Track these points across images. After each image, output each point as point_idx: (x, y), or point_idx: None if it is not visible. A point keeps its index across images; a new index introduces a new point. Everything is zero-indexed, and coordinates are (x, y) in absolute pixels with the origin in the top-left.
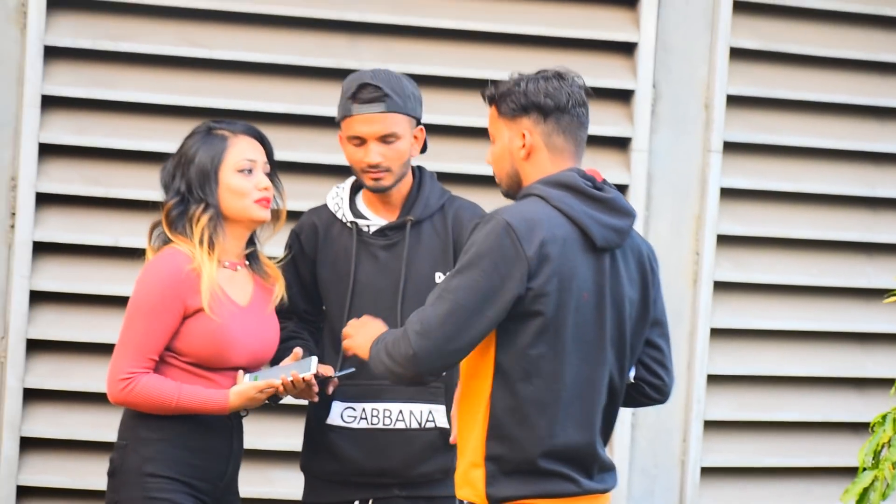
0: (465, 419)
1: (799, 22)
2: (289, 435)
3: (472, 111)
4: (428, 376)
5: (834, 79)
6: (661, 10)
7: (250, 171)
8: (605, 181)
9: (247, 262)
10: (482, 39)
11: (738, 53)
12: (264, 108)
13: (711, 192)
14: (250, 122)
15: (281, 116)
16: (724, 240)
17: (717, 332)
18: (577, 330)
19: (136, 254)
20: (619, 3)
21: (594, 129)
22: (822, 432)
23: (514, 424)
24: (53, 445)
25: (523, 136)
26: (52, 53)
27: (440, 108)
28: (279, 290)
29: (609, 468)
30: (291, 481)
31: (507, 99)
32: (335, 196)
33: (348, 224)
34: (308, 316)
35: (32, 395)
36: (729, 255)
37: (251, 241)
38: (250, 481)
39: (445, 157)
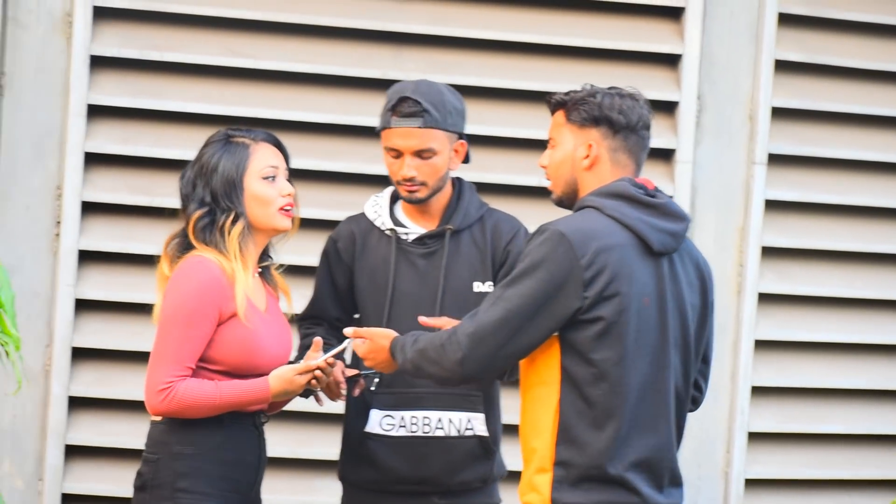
0: (532, 426)
1: (843, 34)
2: (332, 444)
3: (517, 122)
4: (477, 379)
5: (878, 91)
6: (706, 22)
7: (273, 177)
8: (657, 189)
9: (259, 271)
10: (526, 50)
11: (782, 65)
12: (308, 118)
13: (756, 203)
14: (294, 132)
15: (325, 126)
16: (768, 252)
17: (761, 344)
18: (640, 334)
19: None
20: (664, 15)
21: None
22: (867, 445)
23: (583, 428)
24: (98, 453)
25: (590, 146)
26: (98, 63)
27: (484, 119)
28: (286, 298)
29: (678, 483)
30: (334, 490)
31: (581, 107)
32: (374, 204)
33: (387, 232)
34: (338, 323)
35: (77, 404)
36: (773, 267)
37: (267, 253)
38: (294, 490)
39: (490, 168)
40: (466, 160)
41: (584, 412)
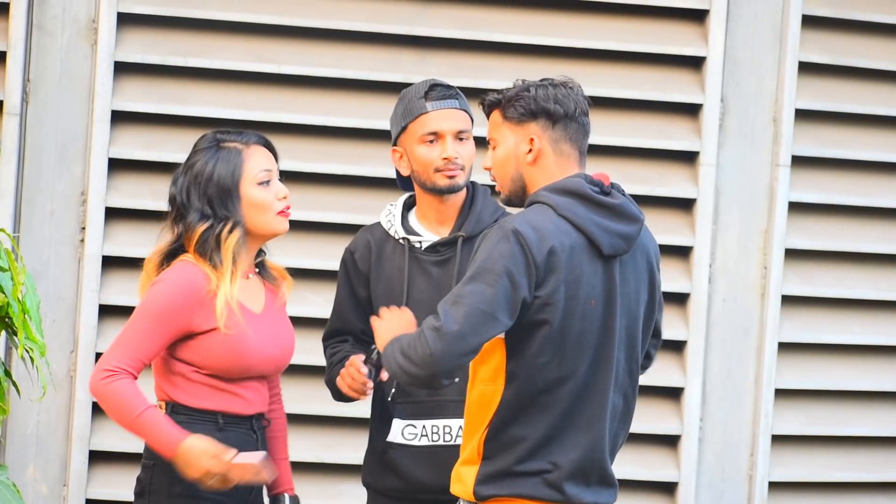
0: (470, 421)
1: (868, 36)
2: (357, 448)
3: None
4: (443, 378)
5: None
6: (730, 24)
7: (268, 181)
8: (612, 185)
9: (256, 270)
10: (551, 54)
11: (806, 67)
12: (332, 122)
13: (780, 206)
14: (319, 136)
15: (349, 131)
16: (792, 254)
17: (785, 347)
18: (583, 337)
19: None
20: (687, 18)
21: (662, 143)
22: (892, 447)
23: (516, 427)
24: (122, 459)
25: (531, 140)
26: (122, 69)
27: None
28: (286, 291)
29: (610, 484)
30: (359, 494)
31: (516, 103)
32: (388, 214)
33: (400, 241)
34: (364, 336)
35: (101, 409)
36: (797, 270)
37: (259, 249)
38: (319, 494)
39: None
40: None
41: (518, 411)
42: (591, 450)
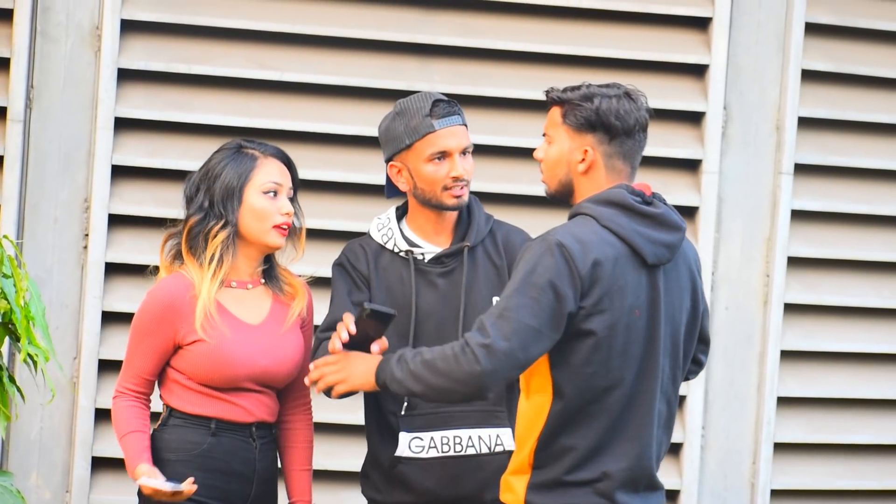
0: (521, 430)
1: (871, 44)
2: (359, 455)
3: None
4: (490, 394)
5: None
6: (733, 32)
7: (275, 193)
8: (654, 195)
9: (263, 280)
10: (554, 62)
11: (809, 75)
12: (335, 129)
13: (782, 214)
14: (321, 144)
15: (351, 138)
16: (794, 262)
17: (787, 354)
18: (628, 347)
19: None
20: (690, 25)
21: (665, 150)
22: (894, 455)
23: (566, 436)
24: (124, 465)
25: (585, 151)
26: (126, 76)
27: (511, 130)
28: (297, 305)
29: (657, 488)
30: (362, 502)
31: (577, 111)
32: (381, 227)
33: (402, 254)
34: None
35: (104, 416)
36: (800, 277)
37: (267, 258)
38: (322, 502)
39: (516, 179)
40: None
41: (567, 420)
42: (640, 458)
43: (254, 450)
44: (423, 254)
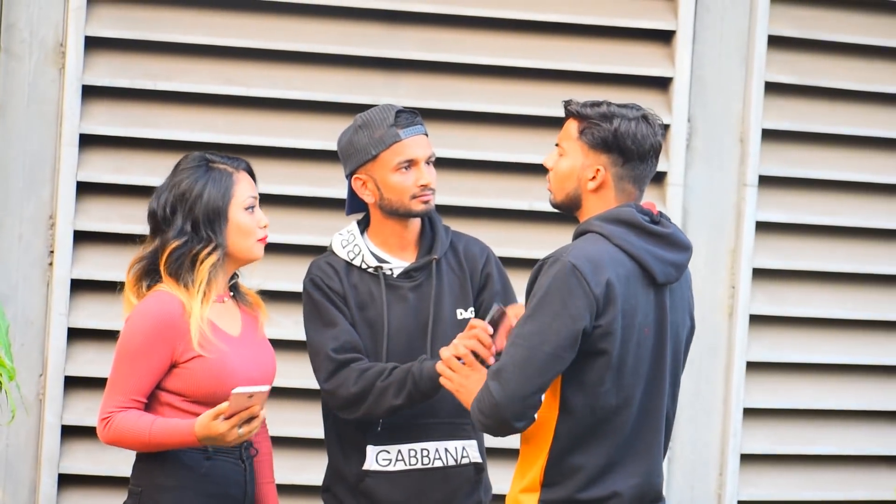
0: (528, 445)
1: (834, 56)
2: (323, 470)
3: (510, 147)
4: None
5: (869, 113)
6: (696, 45)
7: (253, 208)
8: (660, 214)
9: (231, 294)
10: (519, 76)
11: (773, 88)
12: (301, 144)
13: (747, 225)
14: (288, 159)
15: (319, 153)
16: (759, 273)
17: (753, 366)
18: (638, 365)
19: None
20: (654, 39)
21: None
22: (860, 466)
23: (576, 454)
24: (91, 482)
25: (597, 171)
26: (90, 92)
27: (477, 144)
28: (262, 315)
29: (658, 501)
30: None
31: (595, 130)
32: (346, 243)
33: (370, 270)
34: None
35: (70, 432)
36: (765, 289)
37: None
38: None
39: (483, 193)
40: None
41: (578, 438)
42: (649, 474)
43: (244, 472)
44: (391, 269)
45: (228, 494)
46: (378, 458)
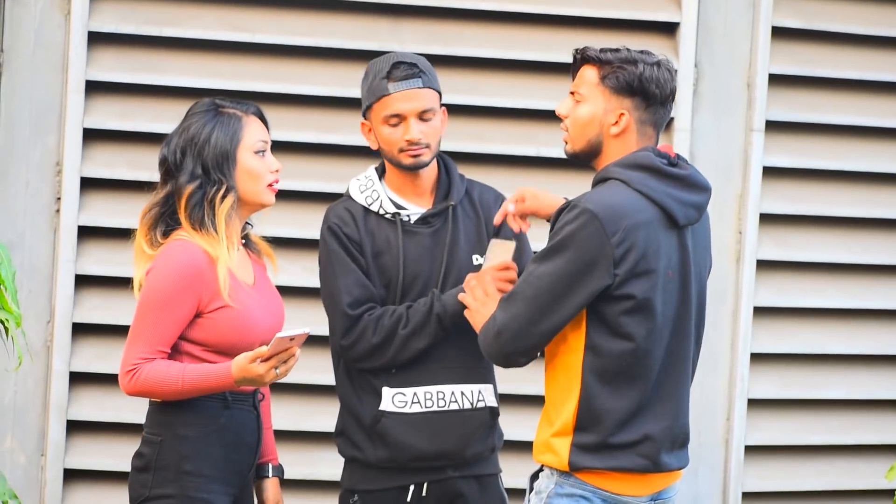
0: (555, 390)
1: (841, 0)
2: (332, 415)
3: (516, 93)
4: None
5: (876, 57)
6: None
7: (263, 152)
8: (678, 156)
9: (243, 242)
10: (524, 21)
11: (780, 32)
12: (307, 91)
13: (754, 171)
14: (293, 105)
15: (323, 99)
16: (766, 218)
17: (760, 311)
18: (665, 307)
19: None
20: None
21: None
22: (867, 410)
23: (606, 396)
24: (99, 428)
25: (621, 115)
26: (96, 39)
27: (482, 90)
28: (270, 263)
29: (686, 444)
30: (337, 461)
31: (619, 73)
32: (364, 188)
33: (388, 216)
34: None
35: (78, 379)
36: (772, 234)
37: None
38: (296, 462)
39: (489, 139)
40: None
41: (608, 381)
42: (678, 416)
43: (256, 419)
44: (408, 215)
45: (244, 442)
46: (394, 400)
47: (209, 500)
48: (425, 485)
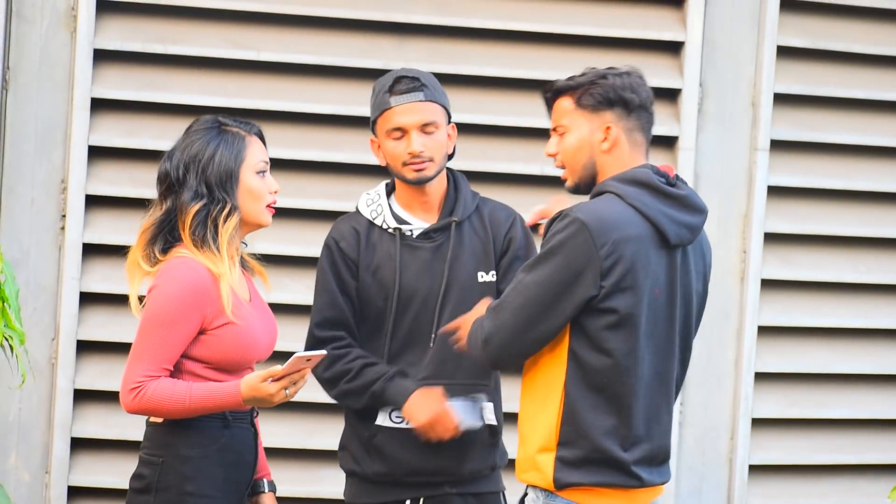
0: (535, 405)
1: (846, 20)
2: (337, 434)
3: (520, 111)
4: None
5: (881, 76)
6: (708, 8)
7: (264, 172)
8: (677, 177)
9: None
10: (529, 40)
11: (785, 51)
12: (311, 109)
13: (758, 190)
14: (297, 123)
15: (328, 118)
16: (771, 237)
17: (764, 330)
18: (650, 326)
19: None
20: (665, 3)
21: None
22: (871, 429)
23: (589, 412)
24: (104, 446)
25: (608, 129)
26: (102, 56)
27: (486, 109)
28: (264, 283)
29: (667, 460)
30: (340, 480)
31: (593, 91)
32: (371, 203)
33: (390, 230)
34: (353, 329)
35: (83, 396)
36: (776, 253)
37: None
38: (300, 480)
39: (493, 157)
40: (452, 153)
41: (591, 396)
42: (662, 436)
43: (253, 437)
44: (411, 230)
45: (244, 460)
46: (391, 416)
47: None
48: (421, 500)
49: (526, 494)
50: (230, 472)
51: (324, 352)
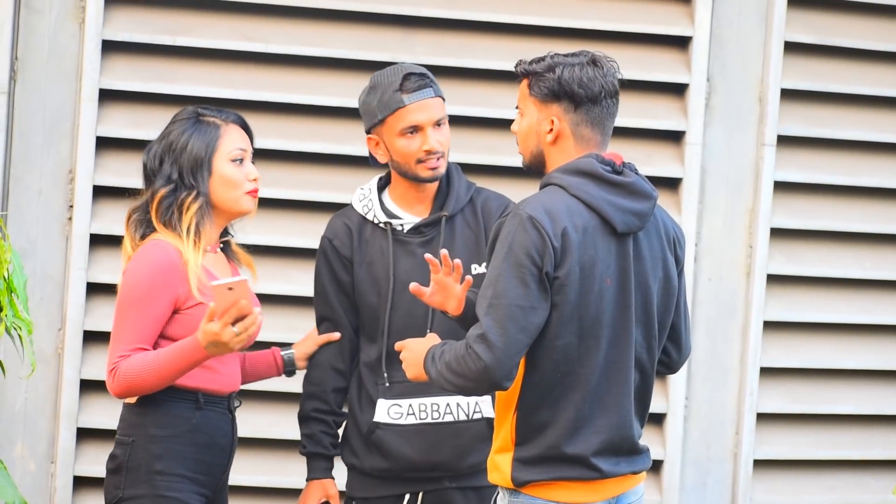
0: (499, 406)
1: (854, 16)
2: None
3: None
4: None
5: (888, 73)
6: (716, 4)
7: (241, 160)
8: (625, 164)
9: (220, 248)
10: (537, 33)
11: (792, 47)
12: (319, 101)
13: (765, 185)
14: (305, 115)
15: (336, 110)
16: (777, 233)
17: (770, 325)
18: (601, 316)
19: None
20: None
21: (648, 122)
22: (876, 425)
23: (543, 410)
24: (110, 436)
25: (552, 121)
26: (110, 48)
27: (494, 102)
28: (252, 275)
29: (640, 451)
30: (341, 474)
31: (541, 82)
32: (363, 198)
33: (381, 225)
34: (355, 331)
35: (89, 387)
36: (782, 249)
37: (226, 231)
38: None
39: (499, 151)
40: None
41: (544, 394)
42: (620, 427)
43: (230, 422)
44: (402, 224)
45: (216, 444)
46: (389, 412)
47: (181, 499)
48: (420, 494)
49: (498, 493)
50: (202, 453)
51: (245, 277)
